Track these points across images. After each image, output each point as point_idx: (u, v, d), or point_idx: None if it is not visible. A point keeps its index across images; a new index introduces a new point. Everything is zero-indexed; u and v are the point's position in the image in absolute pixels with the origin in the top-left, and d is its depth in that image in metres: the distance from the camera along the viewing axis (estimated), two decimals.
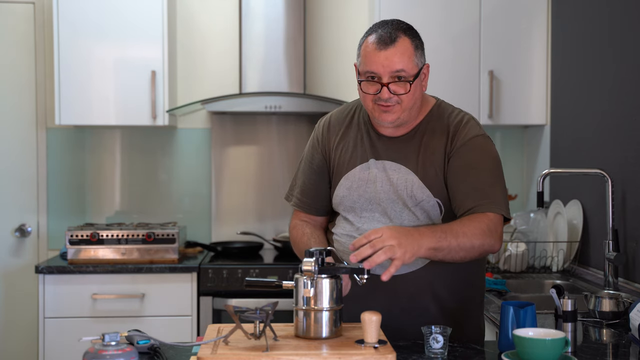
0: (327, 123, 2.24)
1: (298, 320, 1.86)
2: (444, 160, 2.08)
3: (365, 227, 2.11)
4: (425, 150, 2.09)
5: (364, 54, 2.03)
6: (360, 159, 2.14)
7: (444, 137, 2.10)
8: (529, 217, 3.54)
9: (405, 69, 2.00)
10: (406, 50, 2.01)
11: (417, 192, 2.07)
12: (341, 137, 2.19)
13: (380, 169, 2.11)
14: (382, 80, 2.01)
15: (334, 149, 2.19)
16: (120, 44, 3.85)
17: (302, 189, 2.25)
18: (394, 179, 2.09)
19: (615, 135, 3.04)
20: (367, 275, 1.84)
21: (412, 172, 2.09)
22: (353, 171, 2.14)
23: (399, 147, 2.12)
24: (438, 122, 2.13)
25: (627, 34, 2.97)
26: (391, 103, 2.02)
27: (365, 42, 2.05)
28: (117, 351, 1.59)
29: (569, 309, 1.97)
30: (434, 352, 1.83)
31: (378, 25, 2.05)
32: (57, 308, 3.59)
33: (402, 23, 2.07)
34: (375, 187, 2.10)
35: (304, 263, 1.85)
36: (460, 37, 3.86)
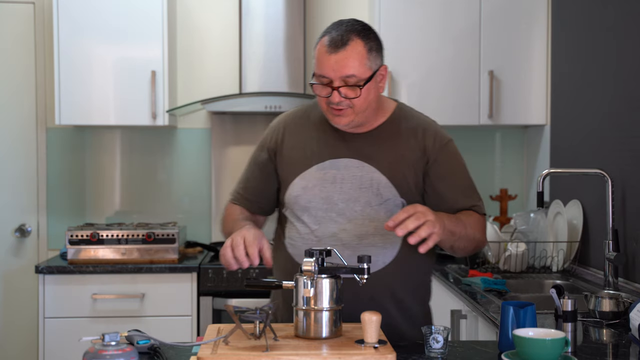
0: (279, 123, 2.20)
1: (298, 320, 1.86)
2: (421, 163, 2.10)
3: (322, 227, 2.08)
4: (395, 151, 2.09)
5: (317, 56, 2.01)
6: (317, 159, 2.10)
7: (413, 139, 2.11)
8: (529, 217, 3.54)
9: (356, 73, 1.97)
10: (357, 54, 1.97)
11: (384, 191, 2.07)
12: (294, 137, 2.15)
13: (341, 167, 2.09)
14: (333, 84, 1.98)
15: (286, 149, 2.14)
16: (120, 44, 3.85)
17: (245, 185, 2.22)
18: (358, 177, 2.08)
19: (615, 135, 3.04)
20: (367, 275, 1.84)
21: (377, 171, 2.08)
22: (309, 171, 2.10)
23: (362, 145, 2.10)
24: (404, 124, 2.13)
25: (627, 34, 2.96)
26: (343, 107, 2.00)
27: (319, 43, 2.01)
28: (117, 351, 1.59)
29: (569, 309, 1.97)
30: (434, 352, 1.83)
31: (333, 26, 2.02)
32: (57, 308, 3.59)
33: (358, 24, 2.02)
34: (333, 187, 2.07)
35: (304, 263, 1.84)
36: (460, 37, 3.86)
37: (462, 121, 3.90)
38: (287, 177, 2.13)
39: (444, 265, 3.56)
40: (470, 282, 3.01)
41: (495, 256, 3.40)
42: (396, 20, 3.86)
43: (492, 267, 3.38)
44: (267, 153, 2.18)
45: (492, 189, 4.23)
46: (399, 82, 3.86)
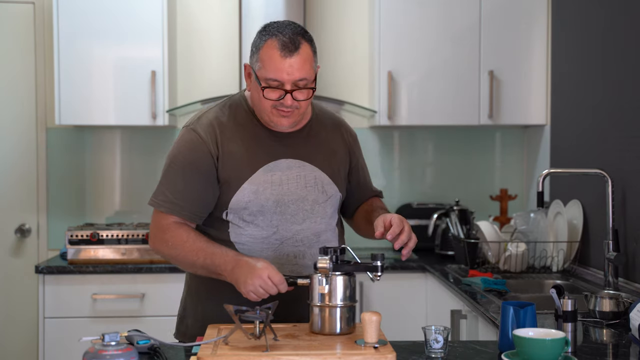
0: (211, 126, 2.10)
1: (313, 316, 1.89)
2: (347, 158, 2.24)
3: (281, 229, 2.09)
4: (326, 148, 2.19)
5: (266, 59, 1.98)
6: (261, 162, 2.09)
7: (337, 135, 2.24)
8: (529, 217, 3.54)
9: (307, 76, 2.01)
10: (308, 58, 2.01)
11: (327, 187, 2.16)
12: (231, 141, 2.09)
13: (284, 168, 2.11)
14: (285, 87, 1.99)
15: (227, 153, 2.07)
16: (120, 44, 3.85)
17: (182, 194, 2.07)
18: (302, 176, 2.12)
19: (615, 135, 3.04)
20: (380, 273, 1.90)
21: (317, 169, 2.15)
22: (257, 174, 2.08)
23: (297, 145, 2.14)
24: (325, 119, 2.24)
25: (627, 34, 2.97)
26: (291, 109, 2.02)
27: (265, 46, 1.99)
28: (117, 351, 1.59)
29: (569, 309, 1.97)
30: (434, 352, 1.83)
31: (275, 29, 2.00)
32: (57, 308, 3.58)
33: (298, 26, 2.03)
34: (281, 188, 2.09)
35: (319, 260, 1.87)
36: (460, 37, 3.86)
37: (462, 121, 3.90)
38: (234, 182, 2.07)
39: (444, 265, 3.57)
40: (470, 282, 3.01)
41: (495, 256, 3.40)
42: (396, 20, 3.86)
43: (492, 267, 3.38)
44: (208, 158, 2.07)
45: (492, 189, 4.24)
46: (399, 82, 3.86)
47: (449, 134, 4.26)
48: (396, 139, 4.27)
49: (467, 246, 3.40)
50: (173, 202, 2.07)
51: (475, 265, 3.39)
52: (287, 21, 2.05)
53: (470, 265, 3.39)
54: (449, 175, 4.28)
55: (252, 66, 2.04)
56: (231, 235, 2.11)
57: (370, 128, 4.22)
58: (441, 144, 4.28)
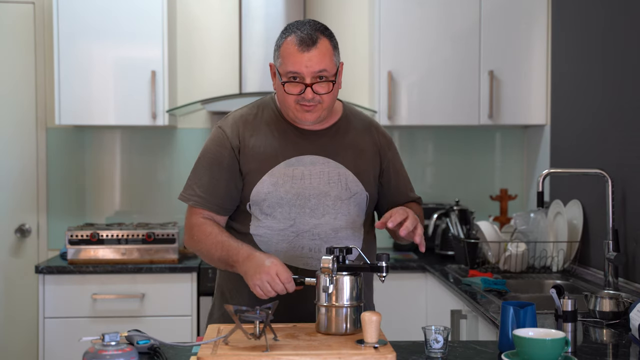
0: (236, 122, 2.18)
1: (320, 315, 1.90)
2: (377, 159, 2.24)
3: (298, 223, 2.12)
4: (355, 147, 2.20)
5: (285, 55, 2.05)
6: (282, 156, 2.13)
7: (367, 135, 2.24)
8: (529, 217, 3.53)
9: (327, 68, 2.05)
10: (327, 51, 2.05)
11: (352, 185, 2.17)
12: (254, 136, 2.15)
13: (307, 164, 2.14)
14: (305, 81, 2.04)
15: (249, 147, 2.14)
16: (120, 44, 3.85)
17: (208, 187, 2.15)
18: (326, 172, 2.14)
19: (615, 135, 3.04)
20: (385, 273, 1.91)
21: (342, 166, 2.16)
22: (278, 167, 2.13)
23: (323, 142, 2.17)
24: (356, 121, 2.26)
25: (627, 34, 2.97)
26: (313, 103, 2.06)
27: (284, 43, 2.06)
28: (117, 351, 1.59)
29: (569, 309, 1.97)
30: (434, 352, 1.83)
31: (295, 27, 2.07)
32: (57, 308, 3.59)
33: (318, 23, 2.09)
34: (302, 182, 2.12)
35: (323, 260, 1.89)
36: (460, 37, 3.86)
37: (462, 121, 3.90)
38: (254, 175, 2.13)
39: (444, 265, 3.57)
40: (470, 282, 3.01)
41: (495, 256, 3.40)
42: (396, 20, 3.86)
43: (492, 267, 3.38)
44: (231, 155, 2.15)
45: (492, 189, 4.24)
46: (399, 82, 3.86)
47: (449, 134, 4.26)
48: (396, 139, 4.27)
49: (467, 246, 3.40)
50: (200, 195, 2.16)
51: (475, 265, 3.39)
52: (309, 19, 2.12)
53: (470, 265, 3.39)
54: (449, 175, 4.28)
55: (275, 64, 2.11)
56: (251, 228, 2.16)
57: None
58: (441, 144, 4.28)
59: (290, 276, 1.94)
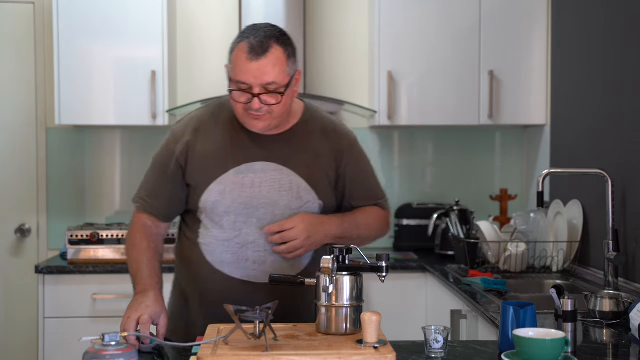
0: (186, 127, 2.12)
1: (320, 315, 1.90)
2: (334, 164, 2.14)
3: (244, 233, 2.07)
4: (310, 153, 2.11)
5: (235, 62, 1.98)
6: (233, 163, 2.07)
7: (326, 142, 2.14)
8: (529, 217, 3.53)
9: (277, 80, 1.96)
10: (278, 61, 1.96)
11: (304, 193, 2.09)
12: (205, 140, 2.09)
13: (258, 171, 2.07)
14: (253, 91, 1.96)
15: (198, 153, 2.08)
16: (120, 44, 3.85)
17: (152, 192, 2.15)
18: (277, 180, 2.07)
19: (615, 135, 3.04)
20: (385, 273, 1.90)
21: (295, 174, 2.09)
22: (226, 175, 2.06)
23: (277, 148, 2.09)
24: (314, 124, 2.15)
25: (627, 34, 2.96)
26: (262, 112, 1.99)
27: (236, 49, 1.99)
28: (117, 351, 1.59)
29: (569, 309, 1.97)
30: (434, 352, 1.83)
31: (250, 32, 2.00)
32: (57, 308, 3.58)
33: (275, 29, 2.01)
34: (252, 191, 2.06)
35: (323, 260, 1.88)
36: (460, 37, 3.86)
37: (462, 121, 3.90)
38: (202, 183, 2.08)
39: (444, 265, 3.57)
40: (470, 282, 3.01)
41: (495, 256, 3.40)
42: (396, 20, 3.86)
43: (492, 267, 3.38)
44: (175, 162, 2.10)
45: (492, 189, 4.24)
46: (399, 82, 3.86)
47: (449, 134, 4.26)
48: (396, 139, 4.27)
49: (467, 246, 3.40)
50: (144, 199, 2.16)
51: (475, 265, 3.38)
52: (266, 24, 2.03)
53: (470, 265, 3.38)
54: (449, 175, 4.28)
55: (227, 68, 2.05)
56: (199, 236, 2.12)
57: (370, 128, 4.22)
58: (441, 144, 4.28)
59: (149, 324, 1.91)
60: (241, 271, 2.08)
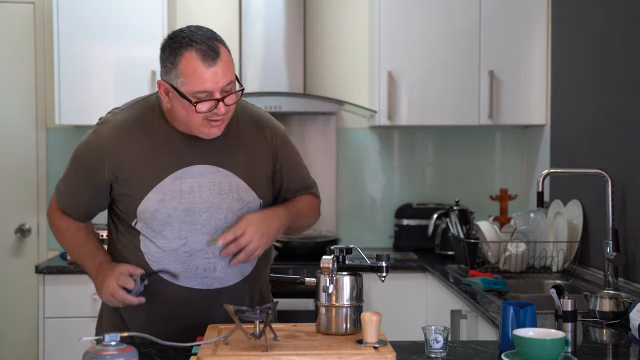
0: (116, 132, 2.01)
1: (320, 315, 1.90)
2: (270, 161, 2.11)
3: (190, 241, 2.02)
4: (246, 151, 2.07)
5: (189, 73, 1.87)
6: (169, 169, 1.99)
7: (260, 137, 2.10)
8: (529, 217, 3.53)
9: (232, 79, 1.93)
10: (228, 59, 1.93)
11: (244, 194, 2.06)
12: (136, 146, 2.00)
13: (196, 175, 2.00)
14: (215, 96, 1.89)
15: (128, 160, 1.99)
16: (120, 44, 3.85)
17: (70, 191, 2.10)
18: (216, 183, 2.01)
19: (615, 135, 3.04)
20: (385, 273, 1.90)
21: (234, 175, 2.04)
22: (163, 183, 1.99)
23: (213, 149, 2.02)
24: (245, 120, 2.10)
25: (626, 34, 2.96)
26: (223, 116, 1.94)
27: (184, 59, 1.87)
28: (117, 351, 1.59)
29: (569, 309, 1.97)
30: (434, 352, 1.83)
31: (187, 38, 1.89)
32: (57, 308, 3.58)
33: (210, 30, 1.96)
34: (192, 196, 1.99)
35: (323, 260, 1.88)
36: (460, 37, 3.86)
37: (462, 121, 3.90)
38: (138, 192, 2.00)
39: (444, 265, 3.57)
40: (470, 282, 3.01)
41: (495, 256, 3.40)
42: (396, 20, 3.86)
43: (492, 267, 3.38)
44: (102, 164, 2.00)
45: (492, 189, 4.24)
46: (399, 82, 3.86)
47: (449, 134, 4.26)
48: (396, 139, 4.27)
49: (467, 246, 3.40)
50: (64, 195, 2.13)
51: (475, 265, 3.38)
52: (194, 26, 1.95)
53: (470, 265, 3.38)
54: (449, 175, 4.28)
55: (171, 83, 1.90)
56: (141, 245, 2.06)
57: (370, 128, 4.22)
58: (441, 144, 4.28)
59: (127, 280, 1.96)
60: (192, 280, 2.04)
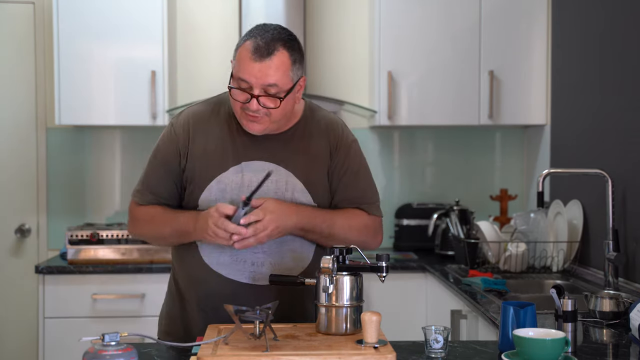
0: (188, 121, 2.10)
1: (320, 315, 1.89)
2: (328, 162, 2.10)
3: None
4: (308, 155, 2.08)
5: (239, 59, 1.96)
6: (232, 161, 2.04)
7: (324, 141, 2.11)
8: (529, 217, 3.54)
9: (279, 83, 1.93)
10: (282, 65, 1.93)
11: (299, 195, 2.07)
12: (204, 136, 2.07)
13: (256, 170, 2.04)
14: (253, 91, 1.94)
15: (197, 149, 2.06)
16: (120, 44, 3.85)
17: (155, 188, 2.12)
18: (274, 181, 2.04)
19: (615, 135, 3.04)
20: (385, 273, 1.90)
21: (292, 175, 2.06)
22: (226, 174, 2.04)
23: (275, 148, 2.06)
24: (314, 125, 2.11)
25: (626, 34, 2.97)
26: (259, 115, 1.96)
27: (242, 46, 1.96)
28: (117, 351, 1.59)
29: (569, 309, 1.97)
30: (434, 352, 1.83)
31: (258, 31, 1.96)
32: (57, 308, 3.58)
33: (285, 32, 1.98)
34: (250, 190, 1.98)
35: (323, 260, 1.88)
36: (460, 37, 3.86)
37: (462, 121, 3.90)
38: (202, 180, 2.05)
39: (444, 265, 3.57)
40: (470, 282, 3.01)
41: (495, 256, 3.40)
42: (396, 20, 3.86)
43: (492, 267, 3.38)
44: (177, 152, 2.08)
45: (492, 189, 4.24)
46: (399, 82, 3.86)
47: (449, 134, 4.26)
48: (396, 139, 4.27)
49: (467, 246, 3.40)
50: (144, 193, 2.13)
51: (475, 265, 3.39)
52: (276, 25, 2.00)
53: (470, 265, 3.39)
54: (449, 175, 4.28)
55: (232, 64, 2.02)
56: None
57: (370, 128, 4.22)
58: (441, 144, 4.28)
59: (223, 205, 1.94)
60: (239, 273, 2.06)
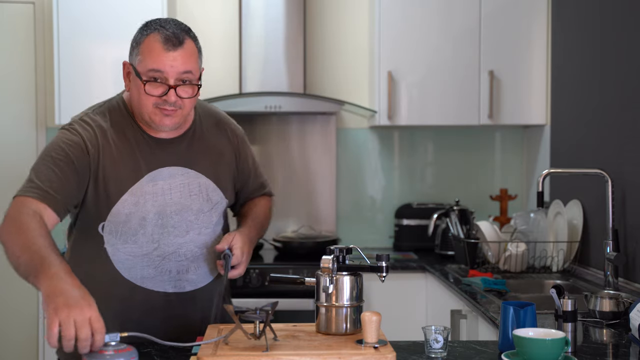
0: (92, 128, 1.98)
1: (320, 315, 1.90)
2: (233, 161, 2.15)
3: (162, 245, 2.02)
4: (213, 152, 2.10)
5: (148, 52, 1.90)
6: (143, 170, 1.99)
7: (224, 138, 2.14)
8: (529, 217, 3.54)
9: (192, 70, 1.93)
10: (193, 53, 1.94)
11: (213, 195, 2.08)
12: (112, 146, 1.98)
13: (166, 177, 2.01)
14: (169, 82, 1.90)
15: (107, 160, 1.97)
16: (120, 44, 3.82)
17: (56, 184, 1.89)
18: (186, 184, 2.03)
19: (616, 135, 3.04)
20: (385, 273, 1.90)
21: (202, 175, 2.06)
22: (139, 184, 1.99)
23: (180, 151, 2.04)
24: (207, 121, 2.13)
25: (627, 34, 2.97)
26: (174, 107, 1.93)
27: (147, 40, 1.91)
28: (117, 351, 1.59)
29: (569, 309, 1.97)
30: (434, 352, 1.83)
31: (157, 24, 1.94)
32: None
33: (182, 24, 1.98)
34: (164, 198, 2.00)
35: (323, 260, 1.88)
36: (460, 37, 3.86)
37: (462, 121, 3.90)
38: (114, 193, 1.97)
39: (444, 265, 3.57)
40: (470, 282, 3.01)
41: (495, 256, 3.40)
42: (396, 21, 3.86)
43: (492, 267, 3.38)
44: (86, 156, 1.95)
45: (492, 189, 4.24)
46: (399, 82, 3.86)
47: (449, 134, 4.26)
48: (396, 139, 4.27)
49: (467, 246, 3.40)
50: (45, 190, 1.88)
51: (475, 265, 3.39)
52: (170, 18, 2.00)
53: (470, 265, 3.39)
54: (449, 175, 4.28)
55: (132, 62, 1.95)
56: (109, 252, 2.02)
57: (370, 128, 4.22)
58: (441, 144, 4.28)
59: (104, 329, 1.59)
60: (166, 284, 2.04)
